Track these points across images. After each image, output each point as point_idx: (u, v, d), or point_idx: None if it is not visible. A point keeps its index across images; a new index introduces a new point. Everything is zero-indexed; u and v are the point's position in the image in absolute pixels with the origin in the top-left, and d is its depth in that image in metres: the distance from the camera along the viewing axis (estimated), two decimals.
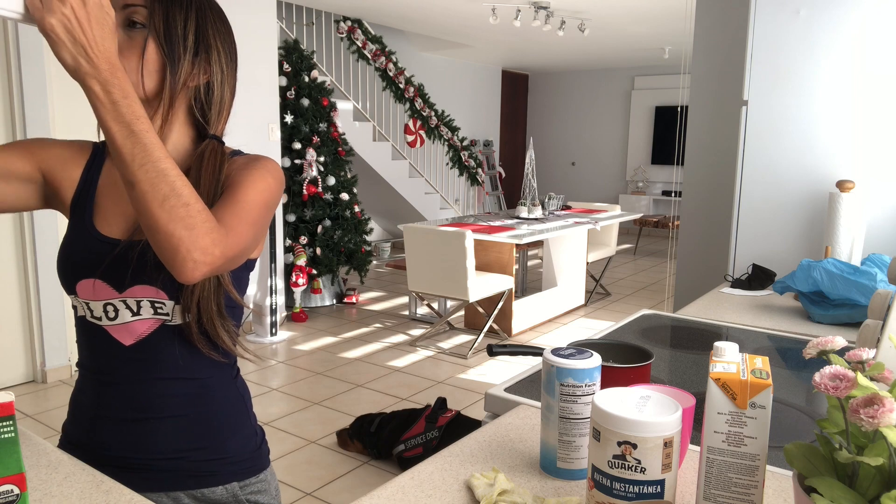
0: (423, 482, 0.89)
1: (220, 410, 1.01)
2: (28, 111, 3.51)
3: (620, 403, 0.73)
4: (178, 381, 0.97)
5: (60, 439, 1.05)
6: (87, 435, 1.00)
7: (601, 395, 0.76)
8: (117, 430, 0.97)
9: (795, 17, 2.15)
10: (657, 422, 0.70)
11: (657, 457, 0.70)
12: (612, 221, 5.75)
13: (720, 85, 2.84)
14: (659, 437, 0.69)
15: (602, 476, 0.72)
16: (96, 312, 0.95)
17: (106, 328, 0.95)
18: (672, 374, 1.36)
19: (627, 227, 10.14)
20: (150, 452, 0.97)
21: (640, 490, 0.70)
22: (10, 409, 0.71)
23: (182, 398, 0.98)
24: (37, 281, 3.64)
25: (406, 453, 2.85)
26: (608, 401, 0.74)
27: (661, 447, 0.70)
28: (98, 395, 0.98)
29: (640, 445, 0.69)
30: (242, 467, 1.02)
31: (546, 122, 11.02)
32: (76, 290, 0.95)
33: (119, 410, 0.97)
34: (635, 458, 0.70)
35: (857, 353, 0.67)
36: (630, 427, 0.70)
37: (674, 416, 0.71)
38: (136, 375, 0.96)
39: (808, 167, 2.19)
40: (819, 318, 1.73)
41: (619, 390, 0.78)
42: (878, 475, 0.60)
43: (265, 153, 4.75)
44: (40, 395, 3.58)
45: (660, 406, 0.73)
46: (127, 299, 0.94)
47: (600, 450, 0.72)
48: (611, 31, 7.14)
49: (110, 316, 0.95)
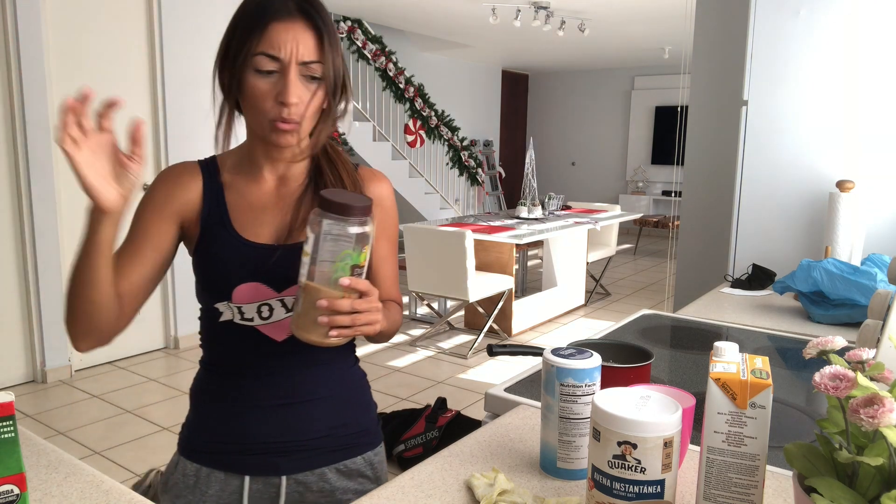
0: (423, 482, 0.89)
1: (356, 388, 1.13)
2: (28, 111, 3.51)
3: (621, 403, 0.73)
4: (325, 367, 1.07)
5: (183, 445, 1.08)
6: (232, 427, 1.04)
7: (601, 394, 0.76)
8: (271, 418, 1.04)
9: (795, 17, 2.15)
10: (657, 422, 0.69)
11: (657, 457, 0.69)
12: (612, 221, 5.75)
13: (720, 85, 2.83)
14: (659, 437, 0.69)
15: (602, 476, 0.72)
16: (248, 314, 1.01)
17: (258, 328, 1.01)
18: (672, 374, 1.36)
19: (627, 227, 10.14)
20: (304, 434, 1.05)
21: (640, 490, 0.70)
22: (10, 409, 0.71)
23: (329, 381, 1.07)
24: (37, 281, 3.64)
25: (406, 453, 2.85)
26: (608, 401, 0.74)
27: (661, 447, 0.69)
28: (245, 389, 1.04)
29: (640, 445, 0.69)
30: (372, 438, 1.13)
31: (546, 122, 11.02)
32: (231, 295, 1.00)
33: (273, 399, 1.04)
34: (635, 459, 0.69)
35: (857, 353, 0.67)
36: (630, 427, 0.69)
37: (674, 417, 0.71)
38: (289, 366, 1.04)
39: (808, 167, 2.19)
40: (819, 318, 1.73)
41: (619, 390, 0.77)
42: (878, 475, 0.60)
43: None
44: (40, 395, 3.58)
45: (660, 406, 0.73)
46: (284, 298, 1.00)
47: (600, 450, 0.72)
48: (611, 31, 7.14)
49: (264, 315, 1.01)
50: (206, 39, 4.31)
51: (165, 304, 4.34)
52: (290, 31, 0.92)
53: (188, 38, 4.20)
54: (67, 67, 3.70)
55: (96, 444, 3.03)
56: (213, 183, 1.03)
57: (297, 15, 0.93)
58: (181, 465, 1.07)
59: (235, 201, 1.03)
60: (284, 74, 0.92)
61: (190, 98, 4.25)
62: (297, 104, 0.93)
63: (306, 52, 0.93)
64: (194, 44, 4.24)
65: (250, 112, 0.97)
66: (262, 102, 0.94)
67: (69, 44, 3.70)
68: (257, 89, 0.93)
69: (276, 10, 0.92)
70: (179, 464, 1.07)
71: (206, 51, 4.30)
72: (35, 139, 3.55)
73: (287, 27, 0.92)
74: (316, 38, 0.94)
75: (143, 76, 4.06)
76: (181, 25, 4.16)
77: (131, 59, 4.00)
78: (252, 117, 0.97)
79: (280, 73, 0.93)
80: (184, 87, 4.21)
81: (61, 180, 3.72)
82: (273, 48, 0.91)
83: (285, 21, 0.92)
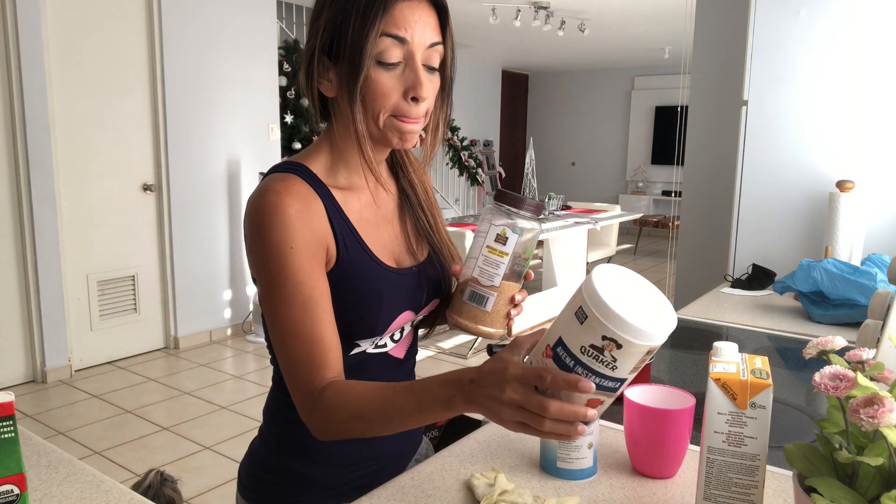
0: (423, 482, 0.89)
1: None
2: (28, 111, 3.51)
3: (622, 297, 0.64)
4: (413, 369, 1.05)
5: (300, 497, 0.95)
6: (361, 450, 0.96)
7: (601, 276, 0.66)
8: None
9: (795, 17, 2.15)
10: (652, 332, 0.63)
11: (634, 360, 0.64)
12: (612, 221, 5.75)
13: (720, 85, 2.84)
14: (647, 345, 0.63)
15: (568, 356, 0.65)
16: (381, 341, 0.93)
17: (388, 351, 0.96)
18: (672, 374, 1.36)
19: (627, 227, 10.13)
20: (417, 433, 1.10)
21: (600, 382, 0.65)
22: (10, 409, 0.71)
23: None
24: (37, 281, 3.64)
25: None
26: (609, 288, 0.64)
27: (644, 353, 0.64)
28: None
29: (625, 347, 0.63)
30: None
31: (546, 122, 11.02)
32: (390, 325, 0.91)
33: None
34: (613, 356, 0.64)
35: (857, 353, 0.67)
36: (626, 329, 0.62)
37: (667, 327, 0.65)
38: (404, 377, 1.00)
39: (808, 167, 2.19)
40: (819, 318, 1.73)
41: (620, 276, 0.69)
42: (878, 475, 0.60)
43: (265, 153, 4.75)
44: (40, 395, 3.58)
45: (658, 310, 0.67)
46: (416, 318, 0.97)
47: (578, 332, 0.64)
48: (611, 31, 7.14)
49: (395, 338, 0.96)
50: (207, 40, 4.31)
51: (165, 304, 4.34)
52: (417, 9, 0.82)
53: (188, 38, 4.20)
54: (67, 67, 3.70)
55: (96, 444, 3.03)
56: (330, 200, 0.87)
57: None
58: None
59: (356, 220, 0.89)
60: (412, 63, 0.82)
61: (190, 98, 4.25)
62: (427, 98, 0.84)
63: (432, 33, 0.83)
64: (194, 44, 4.24)
65: (369, 109, 0.83)
66: (386, 98, 0.82)
67: (69, 44, 3.70)
68: (381, 84, 0.81)
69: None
70: None
71: (207, 51, 4.31)
72: (35, 139, 3.55)
73: (413, 5, 0.81)
74: (439, 17, 0.85)
75: (143, 76, 4.06)
76: (181, 25, 4.16)
77: (131, 59, 4.00)
78: (369, 115, 0.84)
79: (406, 64, 0.82)
80: (184, 87, 4.21)
81: (61, 180, 3.72)
82: (399, 28, 0.80)
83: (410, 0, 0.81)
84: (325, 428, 0.80)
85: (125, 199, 4.06)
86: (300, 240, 0.81)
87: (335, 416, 0.79)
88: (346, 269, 0.86)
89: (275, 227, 0.80)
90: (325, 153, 0.90)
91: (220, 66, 4.40)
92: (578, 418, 0.65)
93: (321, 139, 0.92)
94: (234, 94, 4.50)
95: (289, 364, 0.82)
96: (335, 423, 0.79)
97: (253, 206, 0.82)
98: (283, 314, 0.81)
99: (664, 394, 0.93)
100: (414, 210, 0.99)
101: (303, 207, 0.82)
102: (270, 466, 0.96)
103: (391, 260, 0.92)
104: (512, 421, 0.67)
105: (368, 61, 0.80)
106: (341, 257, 0.86)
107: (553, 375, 0.64)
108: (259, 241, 0.81)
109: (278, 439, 0.96)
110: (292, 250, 0.81)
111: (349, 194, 0.90)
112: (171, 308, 4.33)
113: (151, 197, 4.19)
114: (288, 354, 0.82)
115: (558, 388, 0.64)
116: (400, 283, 0.91)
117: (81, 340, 3.93)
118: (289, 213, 0.81)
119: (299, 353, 0.81)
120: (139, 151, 4.10)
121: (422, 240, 0.99)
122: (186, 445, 3.03)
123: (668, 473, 0.91)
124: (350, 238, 0.87)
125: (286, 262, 0.80)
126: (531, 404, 0.64)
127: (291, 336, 0.81)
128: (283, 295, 0.81)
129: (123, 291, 4.11)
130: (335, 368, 0.82)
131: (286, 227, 0.80)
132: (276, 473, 0.95)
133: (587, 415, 0.65)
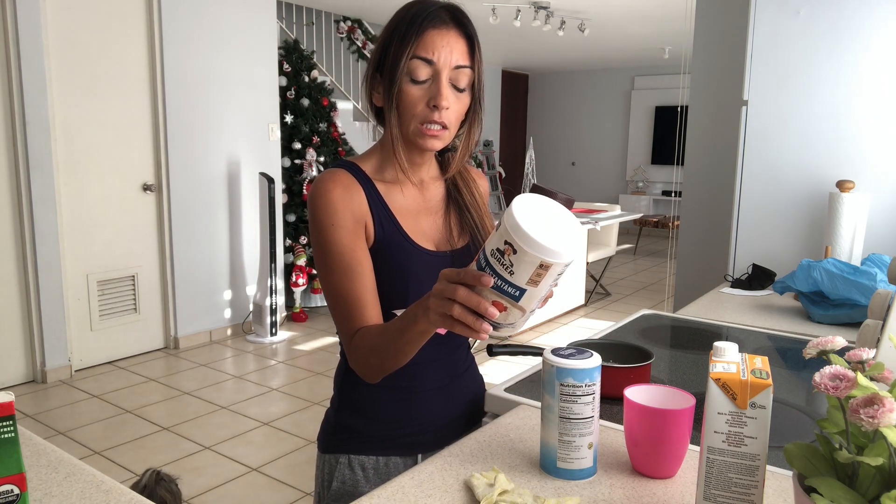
0: (423, 482, 0.89)
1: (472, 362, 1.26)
2: (28, 111, 3.51)
3: (534, 212, 0.75)
4: (464, 343, 1.20)
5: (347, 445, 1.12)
6: (403, 411, 1.12)
7: (526, 197, 0.77)
8: (434, 398, 1.14)
9: (795, 17, 2.15)
10: (545, 245, 0.71)
11: (528, 271, 0.73)
12: (612, 221, 5.75)
13: (720, 85, 2.83)
14: (538, 257, 0.71)
15: (483, 258, 0.76)
16: None
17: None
18: (672, 374, 1.36)
19: (627, 227, 10.13)
20: (458, 404, 1.18)
21: (500, 285, 0.74)
22: (10, 409, 0.71)
23: (466, 360, 1.21)
24: (37, 281, 3.64)
25: None
26: (526, 206, 0.75)
27: (536, 266, 0.72)
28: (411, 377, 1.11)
29: (518, 254, 0.72)
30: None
31: (546, 122, 11.02)
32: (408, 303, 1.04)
33: (435, 381, 1.14)
34: (511, 261, 0.73)
35: (857, 353, 0.67)
36: (521, 236, 0.71)
37: (562, 251, 0.72)
38: (447, 350, 1.15)
39: (808, 167, 2.19)
40: (819, 318, 1.73)
41: (549, 204, 0.78)
42: (878, 475, 0.60)
43: (265, 153, 4.76)
44: (40, 395, 3.58)
45: (562, 238, 0.73)
46: None
47: (492, 238, 0.75)
48: (611, 31, 7.14)
49: None
50: (207, 40, 4.31)
51: (165, 304, 4.34)
52: (445, 37, 1.00)
53: (188, 38, 4.21)
54: (67, 67, 3.70)
55: (96, 444, 3.03)
56: (371, 190, 1.06)
57: (451, 24, 1.01)
58: (345, 466, 1.12)
59: (396, 208, 1.07)
60: (437, 79, 0.99)
61: (190, 98, 4.25)
62: (448, 109, 1.00)
63: (459, 57, 1.00)
64: (194, 44, 4.24)
65: (402, 116, 1.02)
66: (414, 107, 1.00)
67: (69, 44, 3.70)
68: (411, 95, 1.00)
69: (431, 18, 0.99)
70: (340, 467, 1.12)
71: (207, 51, 4.31)
72: (35, 139, 3.55)
73: (442, 34, 0.99)
74: (468, 45, 1.02)
75: (143, 76, 4.06)
76: (181, 25, 4.16)
77: (131, 59, 4.00)
78: (402, 121, 1.02)
79: (433, 80, 1.00)
80: (184, 87, 4.21)
81: (61, 180, 3.72)
82: (428, 52, 0.98)
83: (440, 28, 0.99)
84: (359, 367, 1.01)
85: (125, 199, 4.06)
86: (341, 219, 1.01)
87: (361, 354, 0.99)
88: (383, 247, 1.05)
89: (321, 209, 1.01)
90: (377, 154, 1.10)
91: (220, 66, 4.40)
92: (480, 309, 0.76)
93: (377, 143, 1.11)
94: (234, 93, 4.50)
95: (336, 318, 1.04)
96: (363, 360, 0.99)
97: (309, 194, 1.04)
98: (329, 279, 1.02)
99: (664, 394, 0.93)
100: (461, 209, 1.15)
101: (344, 192, 1.02)
102: (333, 422, 1.15)
103: (429, 244, 1.09)
104: (436, 312, 0.80)
105: (402, 77, 0.99)
106: (378, 237, 1.05)
107: (465, 271, 0.77)
108: (311, 220, 1.03)
109: (339, 400, 1.15)
110: (334, 227, 1.01)
111: (393, 187, 1.08)
112: (171, 308, 4.33)
113: (151, 197, 4.19)
114: (335, 311, 1.04)
115: (468, 281, 0.77)
116: (431, 262, 1.07)
117: (81, 340, 3.93)
118: (331, 197, 1.01)
119: (342, 309, 1.02)
120: (139, 151, 4.10)
121: (464, 233, 1.14)
122: (186, 445, 3.03)
123: (668, 473, 0.91)
124: (388, 222, 1.05)
125: (330, 237, 1.01)
126: (446, 291, 0.78)
127: (335, 296, 1.02)
128: (328, 263, 1.02)
129: (123, 291, 4.11)
130: (371, 322, 1.01)
131: (328, 208, 1.01)
132: (337, 427, 1.14)
133: (488, 310, 0.76)
